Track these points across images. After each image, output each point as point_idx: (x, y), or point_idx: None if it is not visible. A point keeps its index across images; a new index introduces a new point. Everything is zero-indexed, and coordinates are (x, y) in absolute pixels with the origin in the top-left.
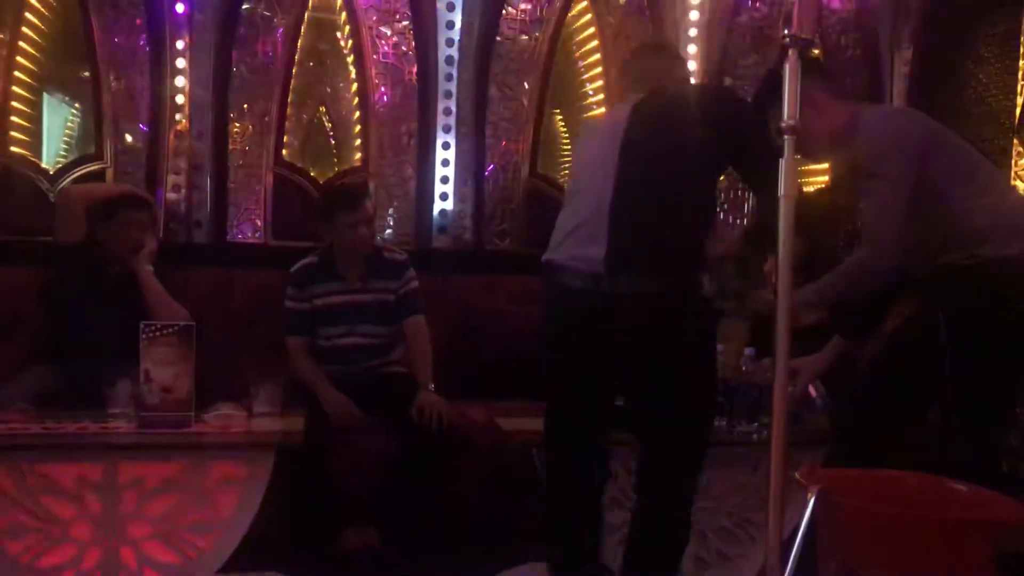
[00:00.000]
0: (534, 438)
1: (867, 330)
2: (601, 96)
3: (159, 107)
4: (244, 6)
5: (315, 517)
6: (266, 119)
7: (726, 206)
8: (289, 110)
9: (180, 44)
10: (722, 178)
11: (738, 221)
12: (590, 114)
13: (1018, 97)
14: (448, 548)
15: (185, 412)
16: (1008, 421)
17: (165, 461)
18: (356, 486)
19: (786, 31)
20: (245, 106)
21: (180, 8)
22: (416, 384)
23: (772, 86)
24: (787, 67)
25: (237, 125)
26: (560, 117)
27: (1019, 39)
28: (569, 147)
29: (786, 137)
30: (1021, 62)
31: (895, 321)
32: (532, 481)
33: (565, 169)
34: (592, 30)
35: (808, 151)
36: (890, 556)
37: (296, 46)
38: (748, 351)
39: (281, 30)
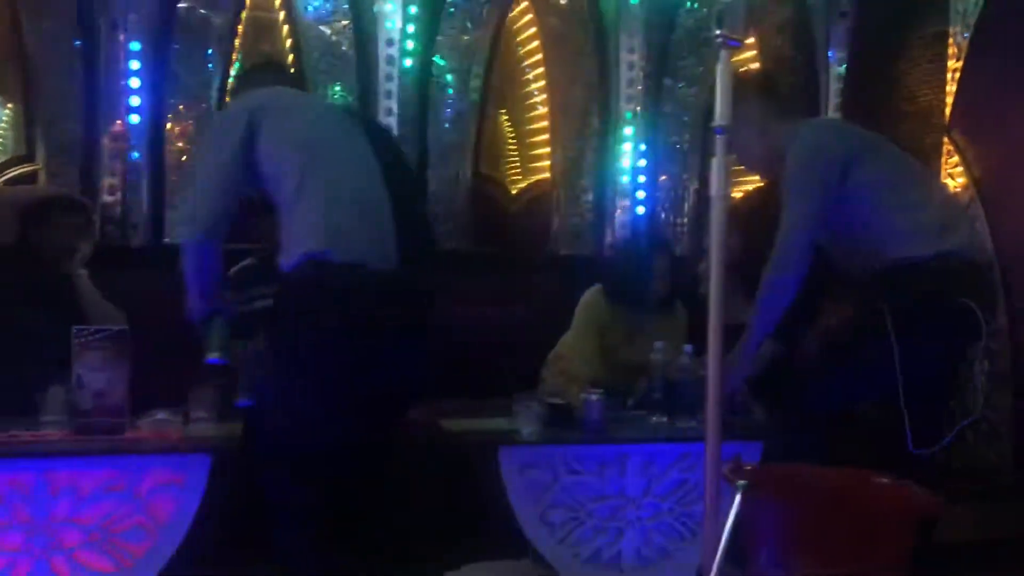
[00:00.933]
0: (476, 439)
1: (799, 332)
2: (544, 96)
3: (93, 108)
4: (180, 5)
5: (255, 521)
6: (204, 120)
7: (667, 205)
8: None
9: (114, 44)
10: (664, 176)
11: (678, 220)
12: (532, 114)
13: (948, 96)
14: (390, 549)
15: (119, 418)
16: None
17: (99, 468)
18: None
19: (717, 32)
20: (181, 107)
21: (113, 6)
22: None
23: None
24: (719, 67)
25: (174, 126)
26: (506, 117)
27: (948, 40)
28: (515, 147)
29: (718, 136)
30: (950, 62)
31: (832, 320)
32: (474, 481)
33: (511, 168)
34: (533, 30)
35: (752, 168)
36: (815, 549)
37: (234, 45)
38: (687, 348)
39: (218, 29)
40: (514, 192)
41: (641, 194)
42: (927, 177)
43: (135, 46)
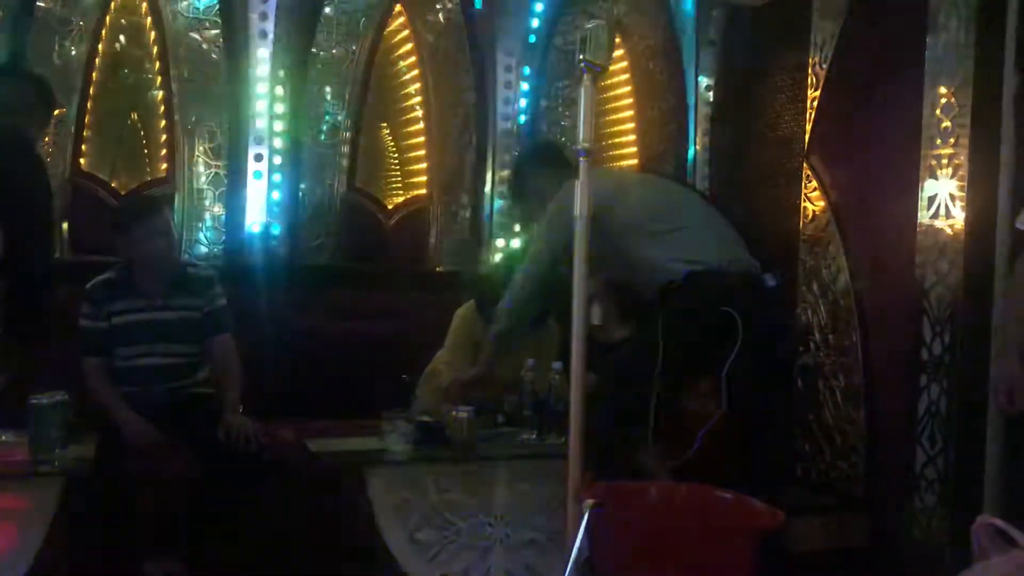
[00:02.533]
0: (344, 459)
1: None
2: (420, 112)
3: None
4: (39, 4)
5: (111, 548)
6: (64, 127)
7: None
8: (94, 118)
9: None
10: None
11: None
12: (411, 128)
13: (807, 124)
14: (256, 573)
15: None
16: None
17: None
18: (156, 513)
19: (581, 57)
20: None
21: None
22: (222, 406)
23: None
24: (582, 91)
25: None
26: (387, 131)
27: (807, 70)
28: (396, 161)
29: (580, 158)
30: (809, 91)
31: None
32: (341, 503)
33: (392, 183)
34: (410, 46)
35: None
36: (657, 563)
37: (97, 49)
38: (556, 365)
39: (80, 32)
40: (390, 207)
41: (516, 211)
42: (685, 205)
43: None
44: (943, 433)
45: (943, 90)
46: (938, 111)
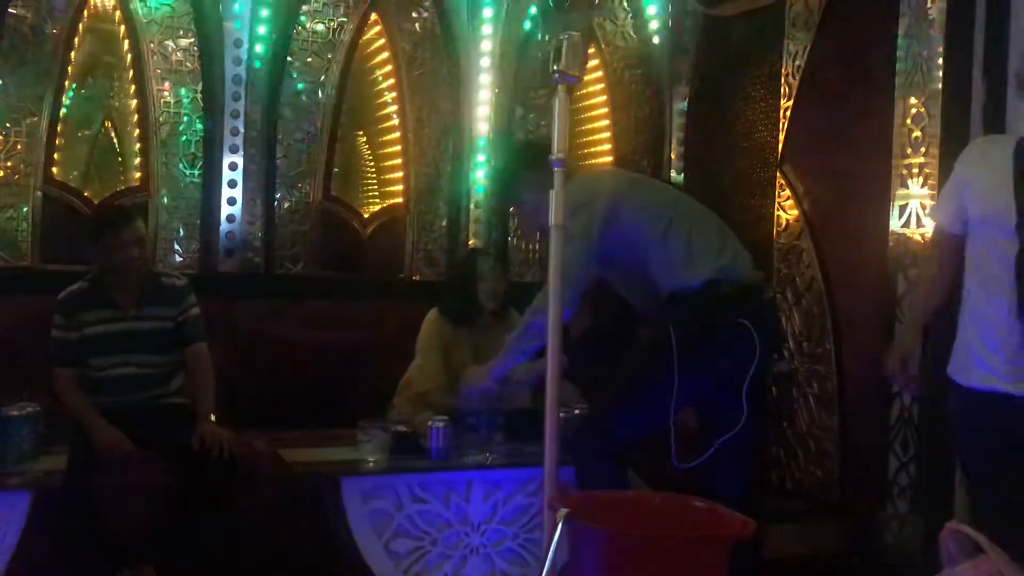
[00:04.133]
0: (320, 469)
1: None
2: (396, 120)
3: None
4: (11, 11)
5: (84, 559)
6: (35, 135)
7: (518, 232)
8: (66, 126)
9: None
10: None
11: (529, 247)
12: (388, 137)
13: (780, 133)
14: None
15: None
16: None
17: None
18: (130, 523)
19: (555, 68)
20: (8, 124)
21: None
22: (196, 416)
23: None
24: (556, 101)
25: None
26: (364, 139)
27: (780, 80)
28: (373, 170)
29: (555, 168)
30: (782, 101)
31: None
32: (316, 513)
33: (368, 191)
34: (387, 54)
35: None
36: (631, 572)
37: (70, 57)
38: None
39: (53, 40)
40: (366, 216)
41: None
42: (694, 212)
43: None
44: (915, 439)
45: (913, 100)
46: (909, 121)
